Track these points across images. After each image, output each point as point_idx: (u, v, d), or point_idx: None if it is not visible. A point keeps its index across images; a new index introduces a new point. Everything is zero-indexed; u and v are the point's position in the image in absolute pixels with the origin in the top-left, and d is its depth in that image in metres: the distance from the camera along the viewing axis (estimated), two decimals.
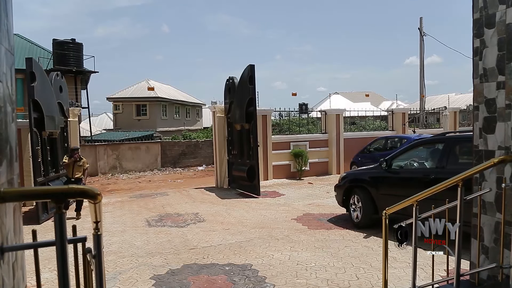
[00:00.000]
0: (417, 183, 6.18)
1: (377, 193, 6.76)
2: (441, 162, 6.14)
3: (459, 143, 6.41)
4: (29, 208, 9.50)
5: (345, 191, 7.31)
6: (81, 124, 19.63)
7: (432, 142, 7.03)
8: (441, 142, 6.54)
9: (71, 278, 1.48)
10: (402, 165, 6.77)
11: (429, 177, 6.03)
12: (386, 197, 6.53)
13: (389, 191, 6.62)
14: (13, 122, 1.85)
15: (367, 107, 21.62)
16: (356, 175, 7.64)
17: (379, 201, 6.66)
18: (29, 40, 21.72)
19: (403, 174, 6.66)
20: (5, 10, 1.74)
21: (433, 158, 6.51)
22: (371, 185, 6.91)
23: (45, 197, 1.61)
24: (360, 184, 7.11)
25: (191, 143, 20.15)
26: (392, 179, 6.68)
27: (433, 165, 6.37)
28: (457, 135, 7.02)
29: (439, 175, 5.92)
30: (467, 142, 6.35)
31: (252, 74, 10.74)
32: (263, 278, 4.68)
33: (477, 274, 3.16)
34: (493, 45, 3.08)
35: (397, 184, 6.61)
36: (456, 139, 6.59)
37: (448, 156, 6.14)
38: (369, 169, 7.51)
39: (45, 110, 8.74)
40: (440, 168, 6.06)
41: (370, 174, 7.16)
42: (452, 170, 5.81)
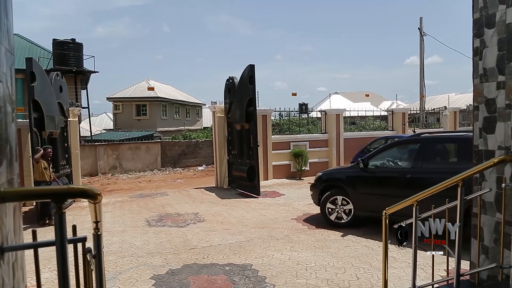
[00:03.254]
0: (394, 182, 6.35)
1: (354, 192, 6.84)
2: (417, 162, 6.29)
3: (434, 143, 6.63)
4: (29, 208, 9.50)
5: (321, 191, 7.32)
6: (81, 124, 19.63)
7: (408, 142, 7.17)
8: (416, 143, 6.71)
9: (71, 278, 1.48)
10: (378, 164, 6.84)
11: (405, 177, 6.19)
12: (363, 196, 6.70)
13: (366, 190, 6.74)
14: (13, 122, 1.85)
15: (367, 107, 21.61)
16: (333, 174, 7.69)
17: (356, 200, 6.78)
18: (29, 40, 21.72)
19: (380, 173, 6.73)
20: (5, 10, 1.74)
21: (409, 158, 6.64)
22: (348, 184, 6.96)
23: (45, 197, 1.61)
24: (337, 183, 7.17)
25: (191, 143, 20.15)
26: (369, 179, 6.75)
27: (409, 165, 6.49)
28: (432, 136, 7.17)
29: (415, 174, 6.13)
30: (442, 142, 6.64)
31: (252, 74, 10.74)
32: (263, 278, 4.68)
33: (477, 274, 3.16)
34: (493, 45, 3.08)
35: (374, 183, 6.71)
36: (431, 139, 6.78)
37: (423, 156, 6.31)
38: (346, 169, 7.64)
39: (45, 110, 8.74)
40: (416, 168, 6.21)
41: (347, 173, 7.25)
42: (428, 169, 6.20)
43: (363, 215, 6.78)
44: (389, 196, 6.12)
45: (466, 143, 5.93)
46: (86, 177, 16.17)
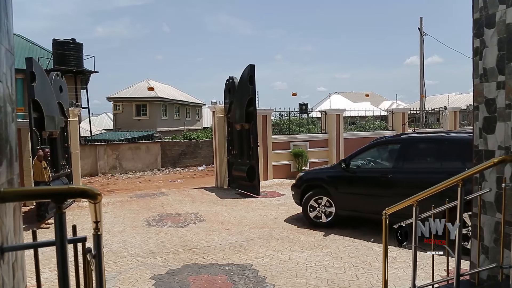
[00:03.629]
0: (375, 182, 6.46)
1: (336, 192, 6.90)
2: (398, 162, 6.39)
3: (414, 143, 6.71)
4: (29, 208, 9.50)
5: (303, 191, 7.35)
6: (81, 124, 19.62)
7: (389, 142, 7.25)
8: (397, 143, 6.84)
9: (71, 278, 1.48)
10: (360, 164, 6.94)
11: (387, 176, 6.31)
12: (345, 196, 6.80)
13: (348, 190, 6.83)
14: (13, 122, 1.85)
15: (367, 107, 21.60)
16: (314, 174, 7.72)
17: (337, 200, 6.85)
18: (29, 40, 21.72)
19: (362, 173, 6.84)
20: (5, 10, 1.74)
21: (390, 158, 6.75)
22: (330, 184, 7.02)
23: (45, 197, 1.61)
24: (319, 183, 7.22)
25: (191, 143, 20.15)
26: (351, 178, 6.83)
27: (390, 164, 6.59)
28: (412, 136, 7.30)
29: (396, 174, 6.25)
30: (422, 142, 6.77)
31: (252, 74, 10.74)
32: (263, 278, 4.68)
33: (477, 274, 3.16)
34: (493, 45, 3.08)
35: (356, 183, 6.79)
36: (411, 140, 6.89)
37: (404, 156, 6.41)
38: (328, 169, 7.73)
39: (45, 110, 8.74)
40: (397, 168, 6.32)
41: (328, 173, 7.32)
42: (408, 169, 6.31)
43: (345, 214, 6.89)
44: (371, 196, 6.47)
45: (445, 144, 6.21)
46: (86, 177, 16.17)
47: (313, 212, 7.14)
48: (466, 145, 5.77)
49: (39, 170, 7.76)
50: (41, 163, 7.80)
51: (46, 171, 7.87)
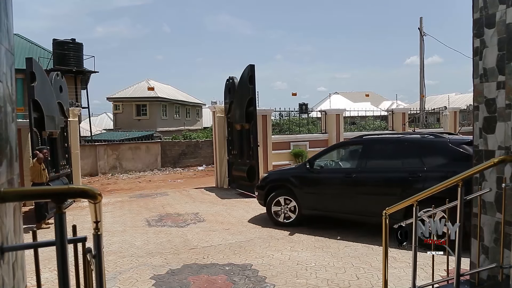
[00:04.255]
0: (339, 182, 6.65)
1: (301, 192, 7.00)
2: (361, 162, 6.59)
3: (375, 144, 6.92)
4: (29, 208, 9.50)
5: (267, 191, 7.43)
6: (81, 124, 19.61)
7: (352, 143, 7.40)
8: (359, 144, 7.00)
9: (71, 278, 1.48)
10: (324, 165, 7.13)
11: (351, 176, 6.50)
12: (309, 196, 6.93)
13: (312, 190, 6.96)
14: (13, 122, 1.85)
15: (367, 107, 21.61)
16: (279, 175, 7.77)
17: (302, 199, 6.96)
18: (29, 40, 21.71)
19: (326, 173, 7.01)
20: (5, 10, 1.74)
21: (353, 159, 6.95)
22: (294, 184, 7.10)
23: (45, 197, 1.61)
24: (283, 184, 7.30)
25: (191, 143, 20.14)
26: (316, 178, 6.97)
27: (353, 165, 6.79)
28: (374, 137, 7.45)
29: (359, 174, 6.46)
30: (383, 143, 7.01)
31: (252, 74, 10.74)
32: (263, 278, 4.68)
33: (477, 274, 3.16)
34: (493, 45, 3.08)
35: (320, 183, 6.94)
36: (373, 141, 7.06)
37: (367, 157, 6.61)
38: (292, 169, 7.81)
39: (45, 110, 8.74)
40: (361, 168, 6.52)
41: (293, 174, 7.39)
42: (371, 169, 6.55)
43: (309, 213, 7.02)
44: (336, 195, 6.70)
45: (405, 144, 6.49)
46: (86, 177, 16.17)
47: (277, 212, 7.26)
48: (424, 145, 6.25)
49: (38, 171, 7.73)
50: (41, 165, 7.78)
51: (44, 172, 7.85)
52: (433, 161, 5.88)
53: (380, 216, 5.61)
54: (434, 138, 6.34)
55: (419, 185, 5.69)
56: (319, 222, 7.10)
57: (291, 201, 7.11)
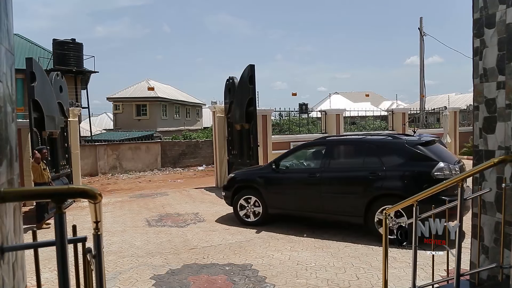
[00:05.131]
0: (304, 181, 6.87)
1: (267, 192, 7.17)
2: (325, 162, 6.83)
3: (338, 145, 7.28)
4: (29, 208, 9.50)
5: (234, 191, 7.56)
6: (81, 124, 19.61)
7: (315, 144, 7.66)
8: (322, 145, 7.25)
9: (71, 278, 1.48)
10: (289, 165, 7.30)
11: (315, 176, 6.74)
12: (275, 195, 7.12)
13: (278, 190, 7.16)
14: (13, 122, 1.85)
15: (367, 107, 21.62)
16: (245, 175, 7.92)
17: (268, 199, 7.13)
18: (29, 40, 21.70)
19: (291, 173, 7.19)
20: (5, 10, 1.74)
21: (317, 159, 7.17)
22: (261, 184, 7.27)
23: (45, 197, 1.61)
24: (250, 184, 7.46)
25: (191, 143, 20.13)
26: (281, 179, 7.16)
27: (317, 165, 7.01)
28: (336, 139, 7.80)
29: (323, 173, 6.70)
30: (345, 144, 7.35)
31: (252, 74, 10.73)
32: (263, 278, 4.68)
33: (477, 274, 3.16)
34: (493, 45, 3.08)
35: (286, 183, 7.13)
36: (335, 142, 7.40)
37: (330, 157, 6.89)
38: (258, 170, 7.97)
39: (45, 110, 8.73)
40: (324, 168, 6.75)
41: (259, 174, 7.55)
42: (334, 169, 6.82)
43: (275, 213, 7.22)
44: (301, 194, 6.91)
45: (366, 145, 6.82)
46: (86, 177, 16.16)
47: (243, 211, 7.40)
48: (382, 146, 6.61)
49: (38, 171, 7.73)
50: (39, 165, 7.77)
51: (45, 171, 7.84)
52: (391, 161, 6.20)
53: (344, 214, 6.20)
54: (392, 139, 6.72)
55: (379, 183, 6.08)
56: (285, 220, 7.35)
57: (257, 201, 7.25)
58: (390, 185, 6.04)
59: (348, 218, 6.53)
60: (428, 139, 6.59)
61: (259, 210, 7.24)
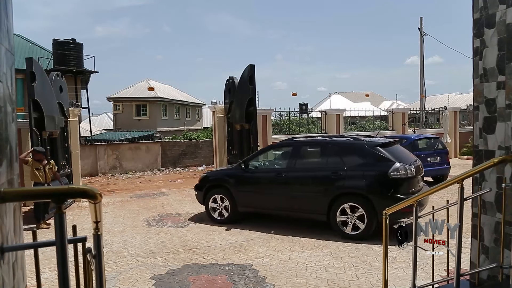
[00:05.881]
0: (271, 181, 7.16)
1: (236, 191, 7.41)
2: (291, 162, 7.12)
3: (304, 146, 7.51)
4: (29, 208, 9.49)
5: (206, 190, 7.79)
6: (81, 124, 19.60)
7: (282, 145, 7.91)
8: (289, 146, 7.53)
9: (71, 278, 1.48)
10: (257, 165, 7.62)
11: (282, 175, 7.04)
12: (244, 194, 7.36)
13: (247, 189, 7.38)
14: (13, 122, 1.85)
15: (367, 107, 21.63)
16: (217, 175, 8.21)
17: (238, 198, 7.37)
18: (29, 40, 21.70)
19: (260, 173, 7.51)
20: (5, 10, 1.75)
21: (284, 159, 7.47)
22: (231, 184, 7.51)
23: (45, 197, 1.61)
24: (221, 183, 7.68)
25: (191, 143, 20.13)
26: (250, 178, 7.43)
27: (284, 165, 7.31)
28: (302, 140, 8.02)
29: (289, 173, 7.00)
30: (310, 145, 7.65)
31: (252, 74, 10.73)
32: (263, 278, 4.68)
33: (477, 274, 3.16)
34: (493, 45, 3.07)
35: (254, 182, 7.40)
36: (301, 143, 7.64)
37: (296, 157, 7.17)
38: (229, 170, 8.28)
39: (45, 110, 8.73)
40: (290, 167, 7.05)
41: (229, 174, 7.84)
42: (299, 169, 7.10)
43: (245, 211, 7.46)
44: (268, 193, 7.18)
45: (329, 146, 7.09)
46: (86, 177, 16.15)
47: (215, 210, 7.64)
48: (344, 147, 6.92)
49: (31, 171, 7.71)
50: (30, 165, 7.71)
51: (39, 172, 7.73)
52: (352, 161, 6.53)
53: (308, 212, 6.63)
54: (353, 141, 7.01)
55: (340, 182, 6.39)
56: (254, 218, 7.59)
57: (227, 200, 7.46)
58: (350, 184, 6.34)
59: (312, 216, 6.81)
60: (387, 140, 6.97)
61: (231, 208, 7.46)
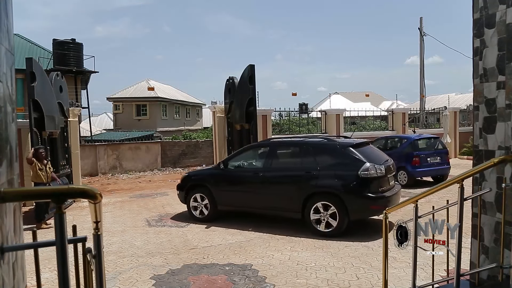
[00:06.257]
0: (249, 180, 7.40)
1: (216, 190, 7.64)
2: (268, 162, 7.38)
3: (280, 146, 7.82)
4: (29, 208, 9.50)
5: (187, 190, 8.02)
6: (81, 124, 19.59)
7: (260, 146, 8.30)
8: (266, 146, 7.85)
9: (71, 278, 1.48)
10: (236, 165, 7.80)
11: (258, 175, 7.29)
12: (223, 193, 7.60)
13: (226, 188, 7.63)
14: (13, 122, 1.85)
15: (367, 107, 21.62)
16: (197, 175, 8.56)
17: (218, 196, 7.60)
18: (29, 40, 21.69)
19: (238, 173, 7.73)
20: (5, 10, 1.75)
21: (261, 159, 7.68)
22: (211, 183, 7.75)
23: (45, 197, 1.61)
24: (201, 182, 7.93)
25: (191, 143, 20.12)
26: (229, 178, 7.70)
27: (261, 164, 7.54)
28: (279, 140, 8.34)
29: (266, 172, 7.25)
30: (286, 145, 7.93)
31: (252, 74, 10.74)
32: (263, 278, 4.68)
33: (477, 274, 3.16)
34: (493, 45, 3.07)
35: (233, 182, 7.64)
36: (278, 143, 7.95)
37: (272, 157, 7.45)
38: (209, 169, 8.63)
39: (45, 110, 8.73)
40: (267, 167, 7.31)
41: (209, 173, 8.20)
42: (275, 168, 7.37)
43: (224, 209, 7.71)
44: (246, 192, 7.42)
45: (303, 146, 7.30)
46: (86, 177, 16.15)
47: (195, 208, 7.86)
48: (318, 148, 7.12)
49: (34, 171, 7.68)
50: (34, 165, 7.70)
51: (42, 172, 7.75)
52: (324, 161, 6.77)
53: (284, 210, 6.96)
54: (326, 141, 7.29)
55: (314, 181, 6.62)
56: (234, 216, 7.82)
57: (207, 199, 7.68)
58: (323, 183, 6.57)
59: (288, 214, 7.02)
60: (359, 141, 7.26)
61: (211, 206, 7.67)
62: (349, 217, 6.29)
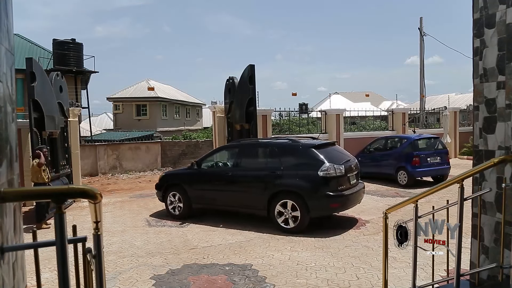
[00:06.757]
0: (219, 179, 7.87)
1: (190, 189, 8.00)
2: (236, 162, 7.82)
3: (249, 147, 8.18)
4: (29, 208, 9.49)
5: (165, 189, 8.39)
6: (81, 124, 19.59)
7: (231, 147, 8.77)
8: (236, 147, 8.28)
9: (71, 278, 1.48)
10: (209, 165, 8.26)
11: (228, 174, 7.73)
12: (197, 192, 7.94)
13: (199, 187, 7.99)
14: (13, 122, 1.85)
15: (367, 107, 21.61)
16: (173, 174, 9.11)
17: (192, 195, 7.96)
18: (29, 40, 21.68)
19: (210, 172, 8.18)
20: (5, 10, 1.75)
21: (231, 159, 8.11)
22: (185, 182, 8.14)
23: (45, 197, 1.61)
24: (177, 182, 8.32)
25: (191, 143, 20.12)
26: (202, 177, 8.11)
27: (230, 164, 7.99)
28: (247, 142, 8.71)
29: (234, 172, 7.65)
30: (254, 146, 8.23)
31: (252, 74, 10.73)
32: (263, 278, 4.68)
33: (477, 274, 3.16)
34: (493, 45, 3.07)
35: (205, 181, 8.05)
36: (247, 144, 8.36)
37: (241, 157, 7.85)
38: (184, 170, 8.96)
39: (45, 110, 8.73)
40: (236, 167, 7.74)
41: (184, 173, 8.56)
42: (244, 168, 7.71)
43: (198, 207, 8.08)
44: (217, 191, 7.82)
45: (269, 147, 7.70)
46: (86, 177, 16.15)
47: (172, 207, 8.21)
48: (282, 148, 7.42)
49: (39, 172, 7.66)
50: (40, 168, 7.68)
51: (44, 172, 7.76)
52: (288, 162, 7.09)
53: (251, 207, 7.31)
54: (290, 142, 7.58)
55: (278, 180, 6.96)
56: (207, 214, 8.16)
57: (182, 197, 8.01)
58: (286, 182, 6.91)
59: (255, 211, 7.34)
60: (323, 142, 7.65)
61: (185, 205, 7.99)
62: (310, 215, 6.63)
